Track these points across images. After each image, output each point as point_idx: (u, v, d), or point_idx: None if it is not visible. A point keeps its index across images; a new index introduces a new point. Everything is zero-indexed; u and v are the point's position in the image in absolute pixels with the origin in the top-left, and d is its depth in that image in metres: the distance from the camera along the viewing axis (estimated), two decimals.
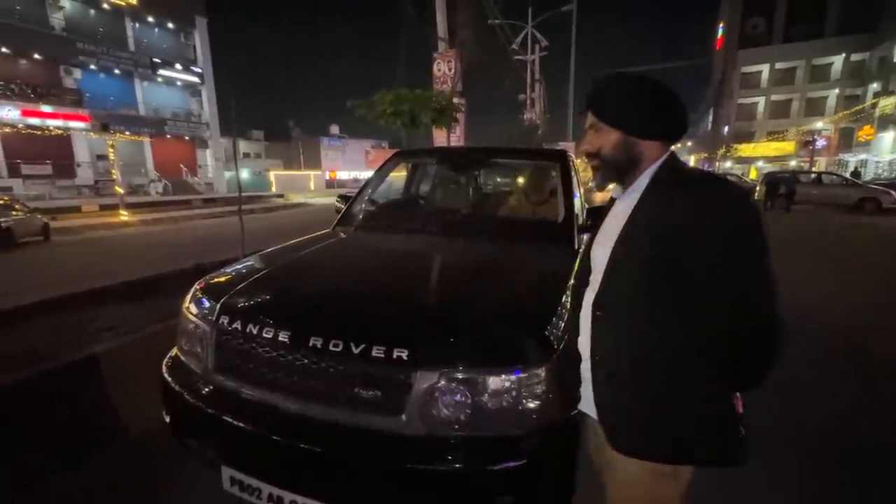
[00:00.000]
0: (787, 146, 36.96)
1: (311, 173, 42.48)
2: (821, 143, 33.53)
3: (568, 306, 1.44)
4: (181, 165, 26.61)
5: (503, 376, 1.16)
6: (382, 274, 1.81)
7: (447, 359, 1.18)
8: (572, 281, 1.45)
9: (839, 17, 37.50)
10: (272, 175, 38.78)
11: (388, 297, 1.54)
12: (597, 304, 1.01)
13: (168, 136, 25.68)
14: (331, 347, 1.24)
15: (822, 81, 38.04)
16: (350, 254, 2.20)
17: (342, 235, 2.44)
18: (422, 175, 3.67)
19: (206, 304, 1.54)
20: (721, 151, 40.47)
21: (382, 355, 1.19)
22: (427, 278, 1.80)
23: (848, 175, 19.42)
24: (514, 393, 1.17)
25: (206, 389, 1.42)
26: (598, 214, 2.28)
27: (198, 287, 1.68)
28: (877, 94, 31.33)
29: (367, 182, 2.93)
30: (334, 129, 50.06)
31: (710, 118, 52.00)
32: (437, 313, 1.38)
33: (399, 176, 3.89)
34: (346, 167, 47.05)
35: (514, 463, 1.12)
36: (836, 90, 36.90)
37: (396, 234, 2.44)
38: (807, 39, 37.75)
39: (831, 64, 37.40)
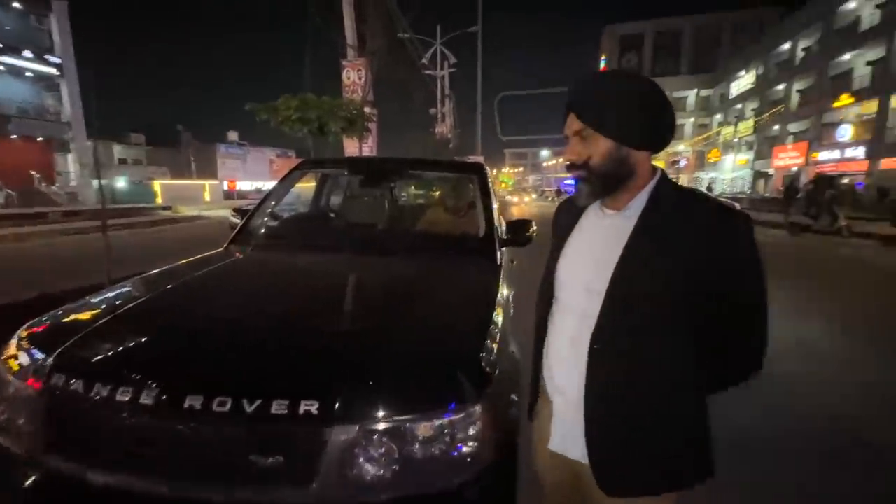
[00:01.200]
0: (659, 164, 43.01)
1: (206, 183, 38.39)
2: (682, 162, 39.77)
3: (500, 327, 1.34)
4: (32, 172, 22.06)
5: (435, 420, 1.00)
6: (284, 304, 1.51)
7: (368, 407, 0.99)
8: (505, 302, 1.36)
9: (689, 60, 45.32)
10: (157, 184, 34.20)
11: (291, 334, 1.27)
12: (596, 337, 0.90)
13: (13, 137, 21.16)
14: (215, 408, 0.96)
15: (681, 111, 45.29)
16: (244, 280, 1.86)
17: (236, 256, 2.09)
18: (332, 187, 3.40)
19: (35, 356, 1.15)
20: None
21: (285, 411, 0.96)
22: (339, 308, 1.55)
23: (704, 189, 23.55)
24: (448, 438, 1.01)
25: (33, 479, 1.03)
26: (519, 227, 2.31)
27: (22, 333, 1.25)
28: (720, 124, 38.37)
29: (269, 193, 2.59)
30: (233, 135, 46.02)
31: None
32: (352, 352, 1.15)
33: (307, 187, 3.56)
34: (247, 177, 43.40)
35: None
36: (692, 119, 44.27)
37: (302, 253, 2.15)
38: (667, 76, 44.94)
39: (687, 97, 44.77)
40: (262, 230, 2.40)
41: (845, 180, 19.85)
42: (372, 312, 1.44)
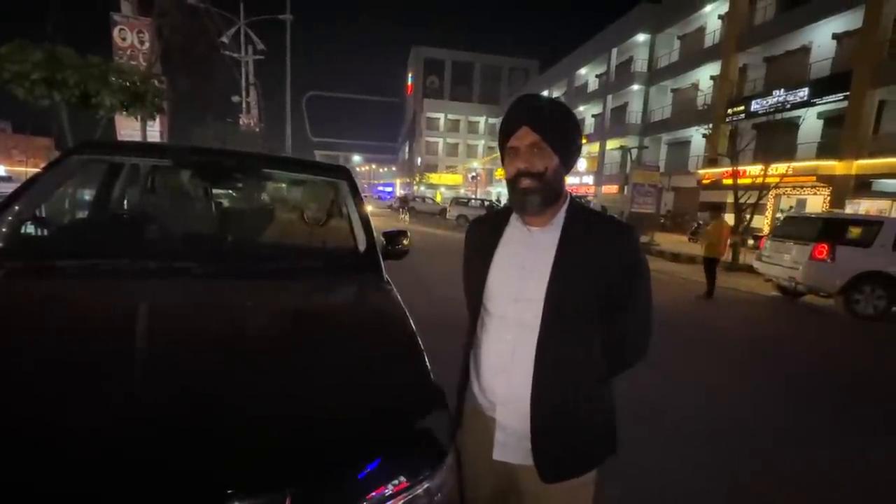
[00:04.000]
0: (458, 178, 49.03)
1: None
2: (473, 177, 46.25)
3: (424, 356, 1.20)
4: None
5: (418, 488, 0.81)
6: (120, 364, 0.95)
7: (348, 493, 0.72)
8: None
9: (479, 90, 53.45)
10: None
11: (163, 418, 0.79)
12: (541, 344, 0.97)
13: None
14: None
15: (475, 133, 52.95)
16: (26, 327, 1.09)
17: None
18: (126, 182, 2.49)
19: None
20: (416, 178, 49.61)
21: None
22: (221, 360, 1.01)
23: (495, 199, 28.24)
24: (426, 500, 0.83)
25: None
26: (397, 238, 2.17)
27: None
28: None
29: (26, 186, 1.70)
30: None
31: (407, 149, 62.44)
32: (278, 427, 0.81)
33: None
34: None
35: None
36: (483, 140, 52.00)
37: (112, 278, 1.41)
38: (462, 100, 51.94)
39: (479, 121, 52.47)
40: (22, 242, 1.55)
41: (591, 201, 26.82)
42: (281, 362, 1.04)
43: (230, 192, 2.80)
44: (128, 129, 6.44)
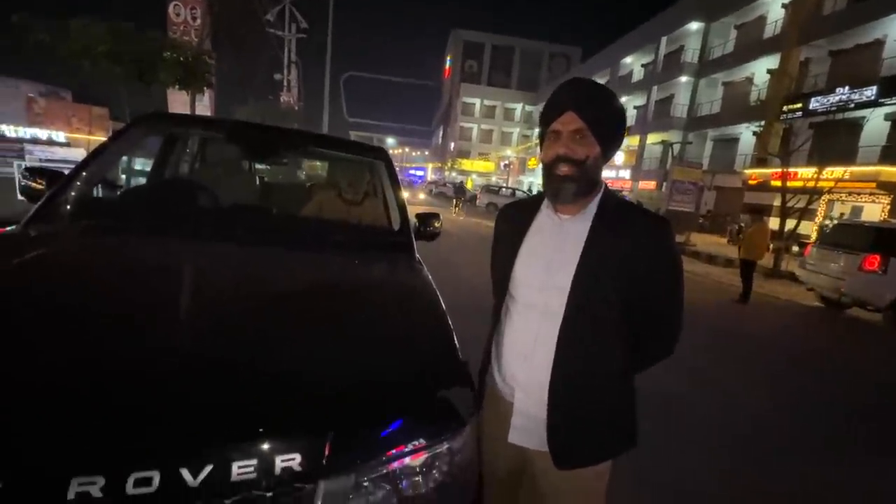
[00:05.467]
0: (490, 166, 48.45)
1: None
2: (504, 165, 45.59)
3: (452, 333, 1.26)
4: None
5: (437, 449, 0.88)
6: (180, 316, 1.07)
7: (364, 449, 0.79)
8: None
9: (518, 76, 52.09)
10: None
11: (218, 363, 0.89)
12: (564, 330, 0.97)
13: None
14: (131, 490, 0.63)
15: (510, 121, 51.87)
16: (93, 278, 1.21)
17: (56, 242, 1.42)
18: (183, 154, 2.66)
19: None
20: (448, 164, 49.37)
21: (253, 474, 0.69)
22: (272, 321, 1.10)
23: (526, 189, 27.69)
24: (445, 466, 0.90)
25: None
26: (429, 220, 2.23)
27: None
28: (538, 136, 45.47)
29: (95, 153, 1.86)
30: None
31: (441, 134, 62.12)
32: (323, 380, 0.90)
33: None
34: None
35: None
36: (518, 129, 50.98)
37: (168, 241, 1.52)
38: (500, 87, 50.85)
39: (515, 109, 51.34)
40: (92, 205, 1.71)
41: (627, 195, 25.98)
42: (319, 327, 1.13)
43: (274, 166, 2.93)
44: (177, 103, 6.75)
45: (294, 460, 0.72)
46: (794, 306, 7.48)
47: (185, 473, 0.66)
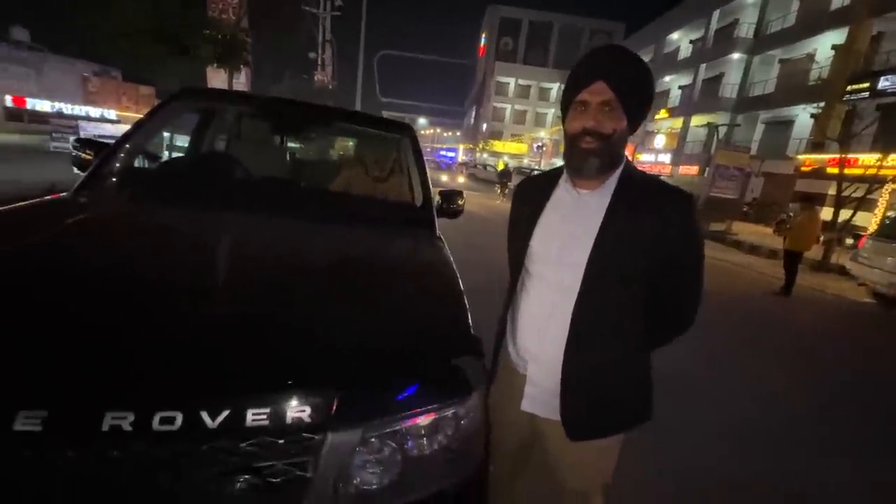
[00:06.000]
0: (523, 147, 47.39)
1: None
2: (537, 147, 44.40)
3: (465, 307, 1.27)
4: None
5: (442, 413, 0.90)
6: (213, 278, 1.15)
7: (371, 407, 0.83)
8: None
9: (555, 54, 50.06)
10: None
11: (242, 320, 0.96)
12: (578, 307, 0.97)
13: None
14: (157, 426, 0.69)
15: (545, 101, 50.25)
16: (134, 241, 1.33)
17: (101, 207, 1.53)
18: (217, 128, 2.76)
19: None
20: (480, 145, 48.62)
21: (266, 421, 0.74)
22: (291, 284, 1.18)
23: None
24: (450, 431, 0.93)
25: None
26: (453, 197, 2.23)
27: None
28: None
29: (137, 126, 1.96)
30: (21, 33, 33.72)
31: (473, 114, 61.10)
32: (335, 339, 0.94)
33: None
34: (44, 94, 32.64)
35: None
36: (553, 109, 49.34)
37: (202, 209, 1.62)
38: (537, 65, 49.07)
39: (552, 88, 49.60)
40: (134, 174, 1.82)
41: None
42: (339, 291, 1.17)
43: (305, 144, 3.00)
44: (217, 81, 6.95)
45: (304, 412, 0.76)
46: (843, 301, 7.02)
47: (205, 416, 0.71)
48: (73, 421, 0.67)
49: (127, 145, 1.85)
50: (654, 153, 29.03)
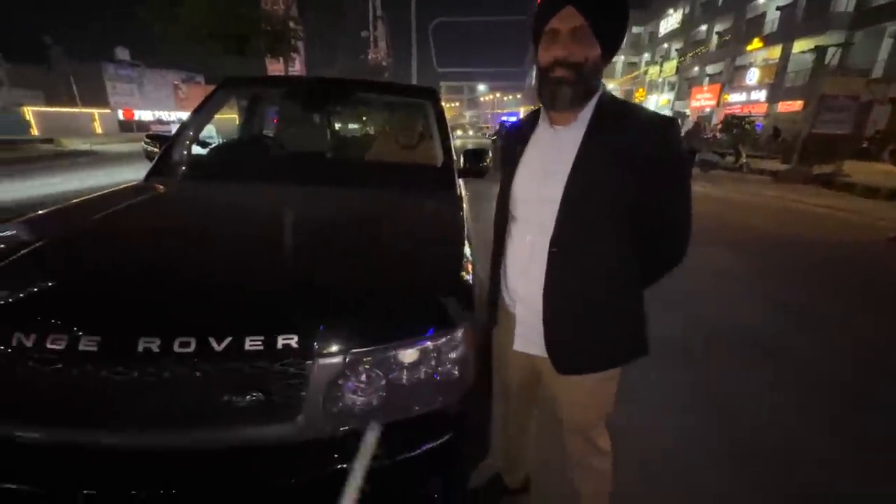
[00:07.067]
0: None
1: (96, 111, 32.57)
2: None
3: (471, 255, 1.32)
4: None
5: (420, 345, 0.98)
6: (235, 237, 1.35)
7: (351, 336, 0.93)
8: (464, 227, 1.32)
9: None
10: (29, 112, 28.38)
11: (252, 267, 1.14)
12: (554, 241, 0.98)
13: None
14: (177, 349, 0.86)
15: None
16: (181, 212, 1.62)
17: (160, 189, 1.81)
18: (263, 111, 3.01)
19: None
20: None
21: (261, 346, 0.88)
22: (300, 238, 1.41)
23: None
24: (433, 362, 1.01)
25: None
26: (476, 156, 2.24)
27: None
28: (647, 63, 39.52)
29: (192, 118, 2.23)
30: (122, 52, 38.52)
31: (534, 73, 57.87)
32: (328, 281, 1.07)
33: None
34: (146, 105, 37.25)
35: (447, 436, 0.98)
36: (622, 57, 44.94)
37: (244, 184, 1.90)
38: None
39: None
40: (188, 160, 2.09)
41: (760, 122, 21.74)
42: (338, 241, 1.32)
43: (334, 115, 3.17)
44: (275, 71, 7.42)
45: (292, 339, 0.89)
46: None
47: (212, 341, 0.87)
48: (118, 344, 0.86)
49: (183, 134, 2.13)
50: (746, 91, 25.42)
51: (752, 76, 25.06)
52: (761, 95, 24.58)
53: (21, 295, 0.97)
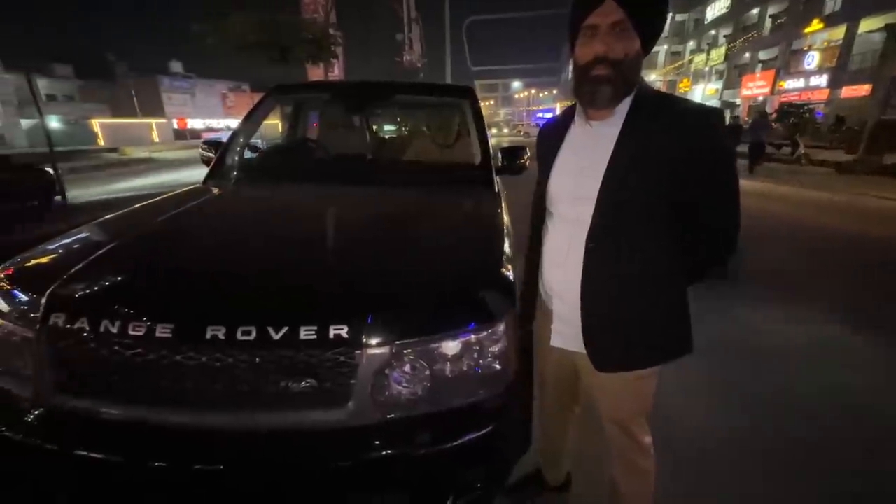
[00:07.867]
0: None
1: (153, 121, 35.07)
2: None
3: (509, 252, 1.33)
4: None
5: (463, 338, 1.01)
6: (288, 235, 1.44)
7: (397, 329, 0.98)
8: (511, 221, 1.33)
9: None
10: (96, 124, 30.97)
11: (305, 262, 1.23)
12: (591, 237, 0.97)
13: None
14: (239, 337, 0.93)
15: None
16: (238, 212, 1.75)
17: (218, 191, 1.94)
18: (307, 116, 3.15)
19: (23, 297, 1.05)
20: None
21: (314, 336, 0.93)
22: (350, 235, 1.49)
23: None
24: (475, 354, 1.03)
25: (43, 419, 0.99)
26: (514, 154, 2.24)
27: (3, 273, 1.14)
28: (692, 52, 37.51)
29: (242, 125, 2.38)
30: (176, 66, 41.19)
31: (571, 67, 56.41)
32: (375, 276, 1.12)
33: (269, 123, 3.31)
34: (197, 114, 39.68)
35: (489, 428, 1.01)
36: (665, 46, 42.96)
37: (291, 185, 2.02)
38: None
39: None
40: (242, 163, 2.23)
41: (819, 110, 20.12)
42: (383, 238, 1.38)
43: (374, 116, 3.26)
44: (316, 77, 7.69)
45: (343, 330, 0.94)
46: None
47: (271, 330, 0.93)
48: (189, 331, 0.94)
49: (234, 141, 2.28)
50: (804, 76, 23.61)
51: (811, 60, 23.22)
52: (822, 81, 22.72)
53: (107, 287, 1.08)
